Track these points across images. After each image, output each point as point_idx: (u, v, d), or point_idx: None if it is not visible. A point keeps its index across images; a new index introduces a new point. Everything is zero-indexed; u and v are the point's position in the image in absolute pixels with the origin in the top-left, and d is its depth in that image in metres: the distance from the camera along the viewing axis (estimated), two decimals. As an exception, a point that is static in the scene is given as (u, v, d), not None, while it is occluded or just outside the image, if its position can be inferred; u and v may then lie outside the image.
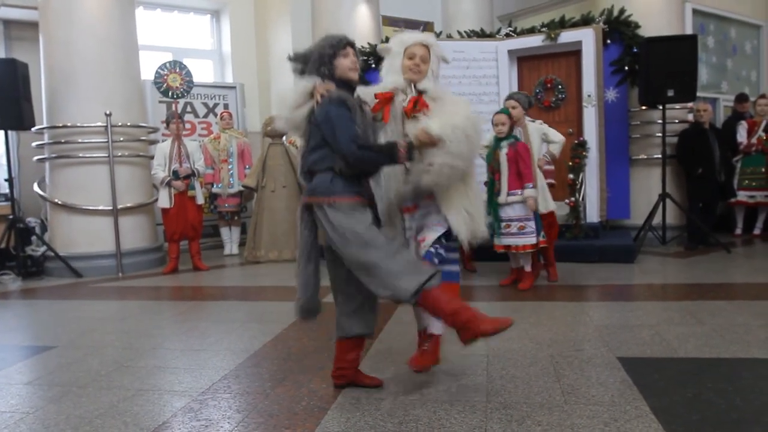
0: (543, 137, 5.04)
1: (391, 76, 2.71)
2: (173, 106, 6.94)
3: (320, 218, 2.48)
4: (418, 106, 2.61)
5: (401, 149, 2.42)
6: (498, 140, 4.69)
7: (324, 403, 2.53)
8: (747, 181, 7.23)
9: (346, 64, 2.57)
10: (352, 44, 2.62)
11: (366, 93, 2.70)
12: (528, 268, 4.78)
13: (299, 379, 2.84)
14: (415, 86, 2.67)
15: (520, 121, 4.89)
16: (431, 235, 2.62)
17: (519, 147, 4.60)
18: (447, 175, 2.51)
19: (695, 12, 8.17)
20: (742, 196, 7.26)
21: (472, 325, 2.31)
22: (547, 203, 4.97)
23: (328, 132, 2.44)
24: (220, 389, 2.75)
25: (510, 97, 5.01)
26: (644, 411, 2.32)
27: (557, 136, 5.07)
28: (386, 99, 2.66)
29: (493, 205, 4.71)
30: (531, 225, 4.62)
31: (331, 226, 2.42)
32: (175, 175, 6.25)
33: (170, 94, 6.65)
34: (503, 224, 4.67)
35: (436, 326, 2.68)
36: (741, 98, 7.70)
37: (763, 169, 7.15)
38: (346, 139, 2.39)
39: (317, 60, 2.57)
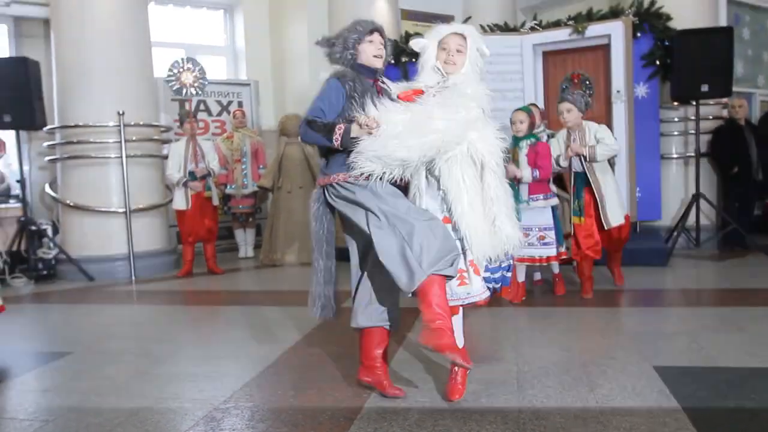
0: (597, 139, 4.43)
1: (424, 74, 2.68)
2: (187, 104, 6.99)
3: (327, 200, 2.67)
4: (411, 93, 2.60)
5: (337, 131, 2.47)
6: (516, 140, 4.44)
7: (350, 413, 2.54)
8: (787, 181, 7.14)
9: (371, 50, 2.61)
10: (380, 30, 2.65)
11: (396, 88, 2.71)
12: (557, 270, 4.71)
13: (323, 388, 2.85)
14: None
15: (576, 126, 4.46)
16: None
17: (539, 147, 4.36)
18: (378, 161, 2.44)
19: (730, 2, 8.09)
20: (782, 196, 7.18)
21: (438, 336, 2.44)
22: (615, 215, 4.48)
23: None
24: (242, 398, 2.77)
25: (563, 99, 4.47)
26: (685, 423, 2.30)
27: (611, 140, 4.44)
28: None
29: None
30: (551, 235, 4.45)
31: (341, 203, 2.60)
32: (192, 175, 6.29)
33: (184, 92, 6.69)
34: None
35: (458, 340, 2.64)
36: (779, 93, 7.62)
37: (804, 169, 7.06)
38: (307, 115, 2.56)
39: (341, 44, 2.62)
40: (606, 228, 4.48)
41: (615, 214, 4.47)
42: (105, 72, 6.38)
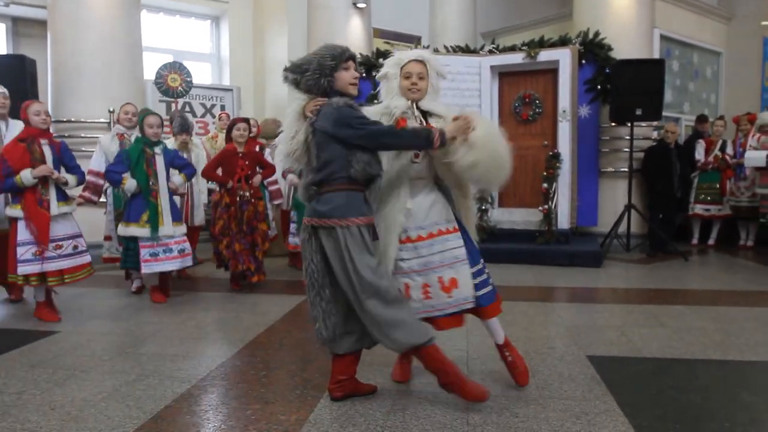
0: None
1: (394, 100, 2.48)
2: (174, 105, 6.85)
3: (330, 242, 2.27)
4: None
5: (434, 133, 2.27)
6: None
7: (316, 392, 2.54)
8: (703, 196, 7.37)
9: (347, 78, 2.34)
10: (353, 57, 2.39)
11: (370, 112, 2.45)
12: None
13: (292, 369, 2.84)
14: (416, 106, 2.47)
15: None
16: (462, 274, 2.42)
17: None
18: (489, 155, 2.33)
19: (662, 37, 8.32)
20: (699, 209, 7.40)
21: (456, 388, 2.31)
22: None
23: (350, 132, 2.24)
24: (218, 376, 2.75)
25: None
26: (612, 406, 2.37)
27: None
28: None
29: None
30: None
31: (346, 253, 2.24)
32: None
33: (170, 93, 6.56)
34: None
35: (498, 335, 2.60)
36: (701, 119, 7.86)
37: (718, 185, 7.31)
38: (375, 129, 2.27)
39: (317, 70, 2.31)
40: None
41: None
42: (97, 71, 6.23)
